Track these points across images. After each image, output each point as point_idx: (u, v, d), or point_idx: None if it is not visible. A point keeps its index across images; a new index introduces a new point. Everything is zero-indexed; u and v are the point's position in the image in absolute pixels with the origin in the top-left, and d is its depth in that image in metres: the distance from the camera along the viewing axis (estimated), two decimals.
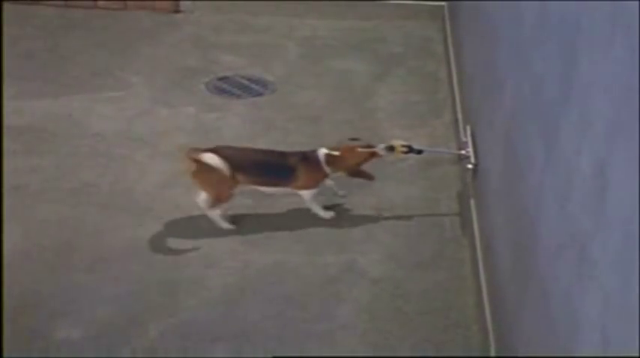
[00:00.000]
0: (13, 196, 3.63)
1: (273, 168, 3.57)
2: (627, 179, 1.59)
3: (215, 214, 3.53)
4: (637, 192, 1.52)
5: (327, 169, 3.57)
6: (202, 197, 3.53)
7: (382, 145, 3.55)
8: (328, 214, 3.66)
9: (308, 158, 3.56)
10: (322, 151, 3.57)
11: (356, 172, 3.63)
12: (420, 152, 3.69)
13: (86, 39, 5.16)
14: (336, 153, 3.56)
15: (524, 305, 2.46)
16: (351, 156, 3.56)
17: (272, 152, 3.63)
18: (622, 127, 1.66)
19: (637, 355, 1.46)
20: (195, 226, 3.55)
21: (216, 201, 3.52)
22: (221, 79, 4.77)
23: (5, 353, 2.76)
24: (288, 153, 3.59)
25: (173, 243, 3.45)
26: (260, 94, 4.64)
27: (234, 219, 3.58)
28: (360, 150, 3.56)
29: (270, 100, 4.59)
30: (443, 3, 5.44)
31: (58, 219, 3.56)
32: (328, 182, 3.65)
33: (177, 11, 5.55)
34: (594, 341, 1.72)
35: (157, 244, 3.44)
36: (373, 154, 3.57)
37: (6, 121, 4.14)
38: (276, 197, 3.71)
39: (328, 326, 3.06)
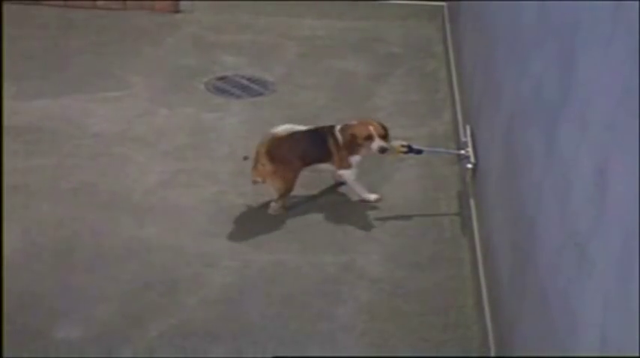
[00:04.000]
0: (12, 196, 3.63)
1: (318, 152, 3.66)
2: (627, 179, 1.59)
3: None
4: (636, 192, 1.52)
5: (346, 143, 3.62)
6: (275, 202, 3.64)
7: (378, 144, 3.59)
8: (373, 196, 3.72)
9: (333, 134, 3.66)
10: (337, 127, 3.67)
11: (351, 147, 3.63)
12: (419, 152, 3.69)
13: (86, 39, 5.16)
14: (347, 123, 3.65)
15: (524, 305, 2.46)
16: (355, 127, 3.62)
17: (312, 132, 3.68)
18: (621, 127, 1.66)
19: (636, 355, 1.46)
20: (195, 226, 3.55)
21: (287, 193, 3.63)
22: (221, 78, 4.77)
23: (4, 353, 2.76)
24: (323, 130, 3.69)
25: (173, 242, 3.45)
26: (260, 94, 4.64)
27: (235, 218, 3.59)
28: (368, 126, 3.61)
29: (269, 100, 4.59)
30: (442, 3, 5.44)
31: (57, 219, 3.56)
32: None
33: (176, 11, 5.55)
34: (594, 341, 1.72)
35: (157, 244, 3.44)
36: (369, 136, 3.59)
37: (6, 121, 4.14)
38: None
39: (328, 326, 3.06)
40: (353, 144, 3.61)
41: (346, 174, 3.68)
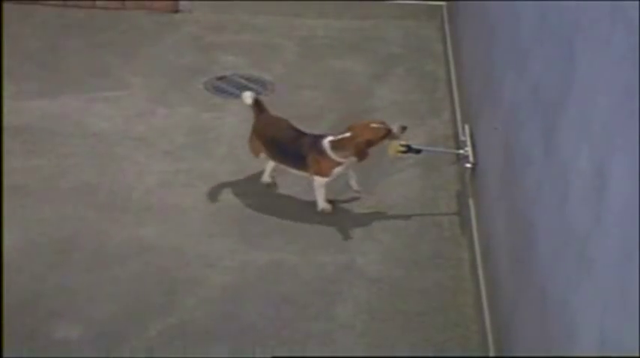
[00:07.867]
0: (12, 196, 3.63)
1: (289, 151, 3.65)
2: (626, 179, 1.59)
3: None
4: (636, 192, 1.52)
5: (336, 156, 3.55)
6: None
7: (397, 124, 3.58)
8: (327, 207, 3.64)
9: (316, 145, 3.58)
10: (326, 140, 3.57)
11: (365, 153, 3.53)
12: (418, 151, 3.69)
13: (85, 39, 5.16)
14: (343, 135, 3.55)
15: (523, 304, 2.46)
16: (364, 132, 3.54)
17: (290, 132, 3.68)
18: (621, 127, 1.66)
19: (636, 356, 1.46)
20: (195, 226, 3.55)
21: None
22: (220, 78, 4.76)
23: (4, 353, 2.76)
24: (303, 137, 3.64)
25: (172, 242, 3.45)
26: (259, 94, 4.63)
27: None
28: (374, 126, 3.56)
29: (268, 100, 4.57)
30: (442, 3, 5.44)
31: (57, 219, 3.55)
32: (350, 173, 3.68)
33: (176, 11, 5.54)
34: (593, 341, 1.72)
35: (157, 244, 3.44)
36: (388, 132, 3.55)
37: (5, 121, 4.13)
38: (273, 196, 3.72)
39: (327, 326, 3.06)
40: (365, 150, 3.53)
41: (320, 180, 3.62)
